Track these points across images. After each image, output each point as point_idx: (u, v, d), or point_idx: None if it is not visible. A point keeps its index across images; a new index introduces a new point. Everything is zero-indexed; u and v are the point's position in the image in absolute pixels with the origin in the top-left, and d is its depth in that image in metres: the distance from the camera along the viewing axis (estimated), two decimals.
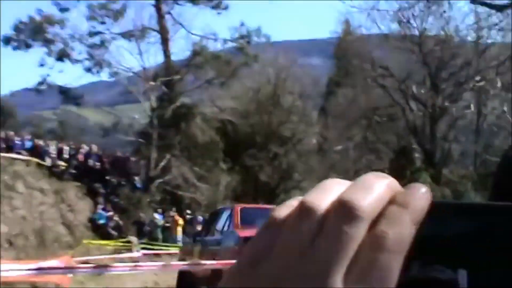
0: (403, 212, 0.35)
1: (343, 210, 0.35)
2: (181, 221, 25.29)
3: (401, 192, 0.37)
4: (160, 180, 26.86)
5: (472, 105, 33.49)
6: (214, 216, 14.09)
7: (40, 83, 30.30)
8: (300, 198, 0.37)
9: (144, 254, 20.80)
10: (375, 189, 0.36)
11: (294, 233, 0.35)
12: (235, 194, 31.96)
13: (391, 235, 0.34)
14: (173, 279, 16.63)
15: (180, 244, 24.64)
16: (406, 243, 0.35)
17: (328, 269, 0.33)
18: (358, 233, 0.34)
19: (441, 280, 0.37)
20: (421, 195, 0.36)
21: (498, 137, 32.63)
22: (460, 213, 0.39)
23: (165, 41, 30.33)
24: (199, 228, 26.53)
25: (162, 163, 27.29)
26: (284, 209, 0.38)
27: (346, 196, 0.35)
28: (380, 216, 0.35)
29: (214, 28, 43.16)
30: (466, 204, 0.40)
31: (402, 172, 31.44)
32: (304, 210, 0.36)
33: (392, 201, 0.36)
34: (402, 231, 0.35)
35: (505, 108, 30.74)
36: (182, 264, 10.46)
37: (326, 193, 0.36)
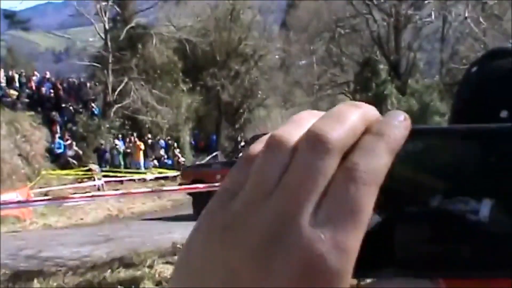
0: (378, 141, 0.33)
1: (313, 143, 0.33)
2: (142, 146, 25.08)
3: (377, 121, 0.35)
4: (119, 105, 26.37)
5: (435, 13, 33.23)
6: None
7: None
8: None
9: (107, 182, 20.77)
10: (348, 119, 0.34)
11: (262, 169, 0.33)
12: (197, 116, 31.75)
13: (362, 166, 0.32)
14: (140, 206, 16.50)
15: (142, 169, 24.60)
16: (380, 174, 0.32)
17: (296, 206, 0.32)
18: (329, 166, 0.32)
19: (465, 212, 0.35)
20: (398, 123, 0.35)
21: (463, 44, 32.66)
22: (467, 138, 0.36)
23: None
24: (162, 152, 26.51)
25: (120, 88, 26.69)
26: (259, 144, 0.35)
27: (316, 128, 0.33)
28: (353, 148, 0.33)
29: None
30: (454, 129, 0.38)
31: (367, 84, 31.44)
32: (272, 144, 0.34)
33: (367, 131, 0.34)
34: (375, 161, 0.33)
35: (467, 14, 30.57)
36: (142, 192, 10.29)
37: (298, 126, 0.34)
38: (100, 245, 9.53)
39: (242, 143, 32.72)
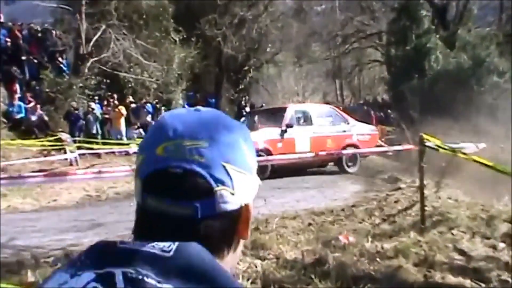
0: None
1: None
2: (124, 111, 24.50)
3: None
4: (95, 59, 25.75)
5: None
6: None
7: None
8: None
9: (81, 155, 20.37)
10: None
11: None
12: (192, 73, 31.21)
13: None
14: (124, 184, 16.10)
15: (124, 140, 24.11)
16: None
17: None
18: None
19: None
20: None
21: None
22: None
23: None
24: (148, 119, 25.90)
25: (96, 37, 26.07)
26: None
27: None
28: None
29: None
30: None
31: (405, 35, 30.78)
32: None
33: None
34: None
35: None
36: (122, 171, 9.79)
37: None
38: (87, 232, 9.58)
39: (247, 108, 32.21)
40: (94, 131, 23.95)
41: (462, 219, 8.50)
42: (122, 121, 24.68)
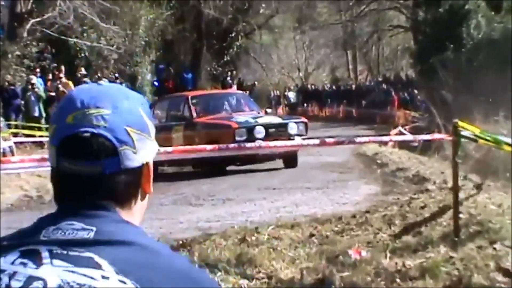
0: None
1: None
2: (72, 86, 24.48)
3: None
4: (36, 19, 25.69)
5: None
6: None
7: None
8: None
9: (18, 144, 20.40)
10: None
11: None
12: (164, 40, 31.21)
13: None
14: None
15: None
16: None
17: None
18: None
19: None
20: None
21: None
22: None
23: None
24: None
25: None
26: None
27: None
28: None
29: None
30: None
31: None
32: None
33: None
34: None
35: None
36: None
37: None
38: None
39: (234, 86, 32.19)
40: (36, 114, 23.91)
41: (507, 230, 8.50)
42: None
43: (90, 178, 1.53)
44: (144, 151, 1.59)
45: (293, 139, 17.00)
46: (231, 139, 17.60)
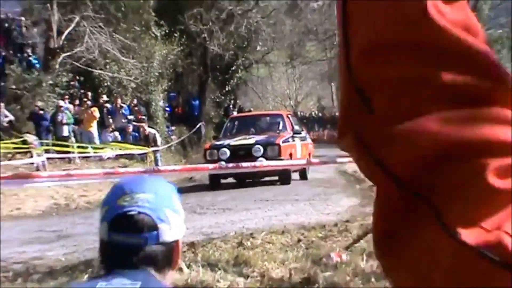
0: None
1: None
2: (97, 114, 24.47)
3: None
4: (67, 53, 25.67)
5: None
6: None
7: None
8: None
9: (50, 160, 20.24)
10: None
11: None
12: (175, 72, 31.20)
13: None
14: (95, 193, 16.02)
15: (97, 144, 24.08)
16: None
17: None
18: None
19: None
20: None
21: None
22: None
23: None
24: (124, 120, 25.86)
25: (69, 30, 26.03)
26: None
27: None
28: None
29: None
30: None
31: None
32: None
33: None
34: None
35: None
36: (93, 174, 9.76)
37: None
38: (52, 244, 9.56)
39: (234, 112, 32.22)
40: (65, 134, 23.85)
41: None
42: (95, 124, 24.61)
43: (135, 248, 1.75)
44: (176, 229, 1.82)
45: (261, 161, 16.64)
46: (204, 160, 18.62)
